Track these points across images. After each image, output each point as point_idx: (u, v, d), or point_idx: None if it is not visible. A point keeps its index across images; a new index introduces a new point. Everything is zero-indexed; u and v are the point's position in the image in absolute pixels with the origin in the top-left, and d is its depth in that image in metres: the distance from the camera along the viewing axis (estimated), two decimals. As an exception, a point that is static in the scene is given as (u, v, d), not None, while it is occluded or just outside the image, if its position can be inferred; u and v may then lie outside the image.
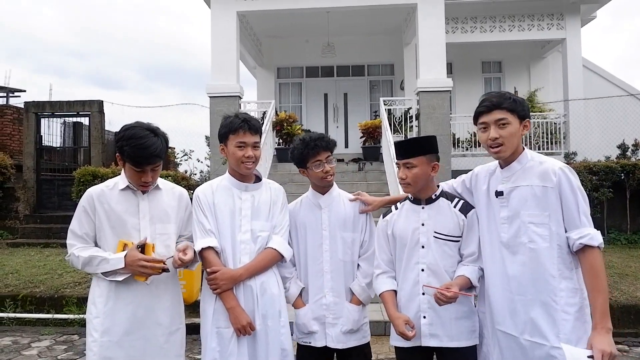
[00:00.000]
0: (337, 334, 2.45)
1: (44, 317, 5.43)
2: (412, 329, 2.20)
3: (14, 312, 5.54)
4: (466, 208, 2.29)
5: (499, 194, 2.15)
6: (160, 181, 2.41)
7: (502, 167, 2.18)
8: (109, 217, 2.27)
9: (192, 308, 5.31)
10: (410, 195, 2.40)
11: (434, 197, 2.33)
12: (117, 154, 2.28)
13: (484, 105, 2.13)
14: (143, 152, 2.18)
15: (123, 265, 2.17)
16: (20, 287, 5.82)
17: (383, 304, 2.36)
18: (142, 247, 2.22)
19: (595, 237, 1.94)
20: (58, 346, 4.77)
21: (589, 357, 1.86)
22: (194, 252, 2.32)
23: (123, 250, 2.23)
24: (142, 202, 2.32)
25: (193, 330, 4.99)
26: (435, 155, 2.32)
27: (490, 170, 2.27)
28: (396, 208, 2.43)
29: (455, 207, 2.30)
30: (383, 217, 2.46)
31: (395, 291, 2.34)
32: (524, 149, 2.15)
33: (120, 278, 2.20)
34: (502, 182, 2.15)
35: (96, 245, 2.30)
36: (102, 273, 2.21)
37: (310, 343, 2.49)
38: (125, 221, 2.28)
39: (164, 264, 2.20)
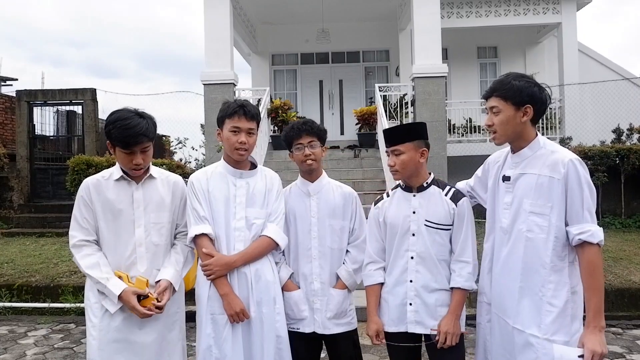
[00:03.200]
0: (323, 320, 2.46)
1: (40, 306, 5.43)
2: (379, 340, 2.29)
3: (10, 301, 5.54)
4: (457, 196, 2.29)
5: (505, 178, 2.12)
6: (155, 170, 2.40)
7: (513, 153, 2.14)
8: (103, 207, 2.28)
9: (188, 296, 5.32)
10: (401, 183, 2.38)
11: (425, 185, 2.32)
12: (107, 141, 2.28)
13: (487, 90, 2.11)
14: (129, 132, 2.17)
15: (116, 302, 2.19)
16: (16, 277, 5.81)
17: (366, 296, 2.36)
18: (140, 297, 2.20)
19: (596, 234, 1.90)
20: (54, 335, 4.78)
21: (579, 356, 1.87)
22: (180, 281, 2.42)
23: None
24: (136, 192, 2.32)
25: (189, 318, 5.02)
26: (423, 141, 2.30)
27: (504, 154, 2.24)
28: (388, 195, 2.43)
29: (446, 195, 2.29)
30: (375, 205, 2.45)
31: (382, 284, 2.35)
32: (536, 134, 2.08)
33: (112, 309, 2.20)
34: (511, 167, 2.13)
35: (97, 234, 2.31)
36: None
37: (298, 329, 2.48)
38: (120, 211, 2.28)
39: (157, 302, 2.22)
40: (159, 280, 2.30)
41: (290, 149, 2.56)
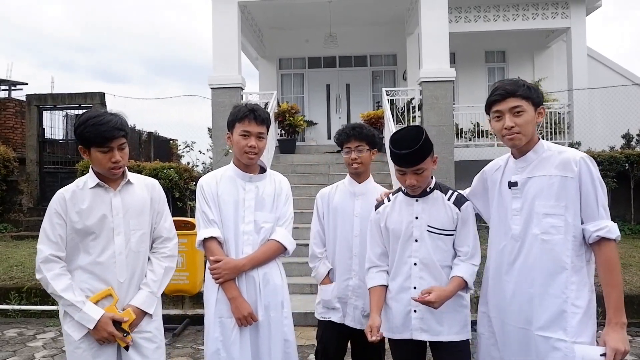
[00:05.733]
0: (358, 316, 2.57)
1: (49, 309, 5.46)
2: (377, 334, 2.16)
3: (19, 304, 5.58)
4: (460, 201, 2.26)
5: (512, 184, 2.07)
6: (132, 175, 2.32)
7: (516, 158, 2.10)
8: (80, 217, 2.16)
9: (196, 299, 5.34)
10: (403, 188, 2.35)
11: (428, 190, 2.28)
12: (80, 146, 2.18)
13: (497, 93, 2.04)
14: (104, 127, 2.09)
15: (92, 327, 2.07)
16: (25, 280, 5.85)
17: (369, 297, 2.35)
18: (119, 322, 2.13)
19: (613, 230, 1.89)
20: (63, 338, 4.79)
21: (601, 355, 1.83)
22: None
23: (103, 297, 2.15)
24: (114, 199, 2.21)
25: (196, 321, 5.04)
26: (433, 149, 2.23)
27: (503, 161, 2.19)
28: (389, 200, 2.39)
29: (449, 199, 2.26)
30: (375, 210, 2.42)
31: (385, 286, 2.33)
32: (539, 138, 2.08)
33: (77, 336, 2.11)
34: (516, 172, 2.08)
35: (67, 247, 2.18)
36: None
37: (330, 318, 2.61)
38: (98, 220, 2.17)
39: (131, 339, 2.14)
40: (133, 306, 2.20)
41: (341, 150, 2.69)
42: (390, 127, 8.12)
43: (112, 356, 2.16)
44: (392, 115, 8.87)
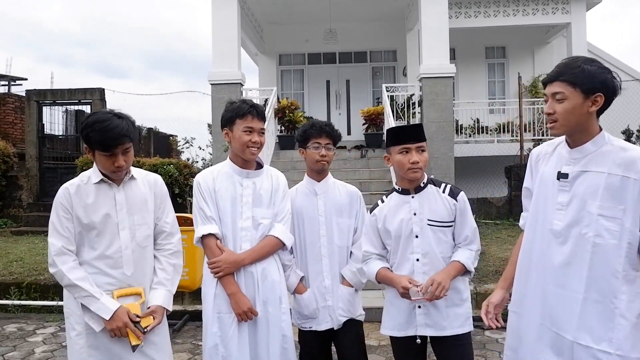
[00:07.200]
0: (336, 316, 2.52)
1: (49, 304, 5.47)
2: (413, 285, 2.12)
3: (19, 299, 5.59)
4: (454, 192, 2.29)
5: (562, 175, 1.85)
6: (135, 170, 2.33)
7: (570, 147, 1.86)
8: (86, 212, 2.18)
9: (195, 295, 5.35)
10: (397, 187, 2.36)
11: (422, 185, 2.30)
12: (85, 145, 2.18)
13: (548, 74, 1.85)
14: (109, 134, 2.07)
15: (108, 318, 2.07)
16: (25, 275, 5.85)
17: (383, 282, 2.32)
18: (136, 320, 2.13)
19: None
20: (62, 333, 4.80)
21: None
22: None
23: (130, 294, 2.17)
24: (118, 194, 2.23)
25: (196, 317, 5.05)
26: None
27: (551, 147, 1.97)
28: (382, 202, 2.40)
29: (444, 192, 2.28)
30: (371, 212, 2.42)
31: (388, 269, 2.32)
32: (601, 129, 1.85)
33: (97, 328, 2.10)
34: (568, 163, 1.85)
35: (75, 241, 2.20)
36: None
37: (311, 327, 2.53)
38: (103, 215, 2.19)
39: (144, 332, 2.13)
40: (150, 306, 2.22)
41: (304, 145, 2.59)
42: (390, 123, 8.12)
43: (107, 353, 2.14)
44: (392, 112, 8.86)
